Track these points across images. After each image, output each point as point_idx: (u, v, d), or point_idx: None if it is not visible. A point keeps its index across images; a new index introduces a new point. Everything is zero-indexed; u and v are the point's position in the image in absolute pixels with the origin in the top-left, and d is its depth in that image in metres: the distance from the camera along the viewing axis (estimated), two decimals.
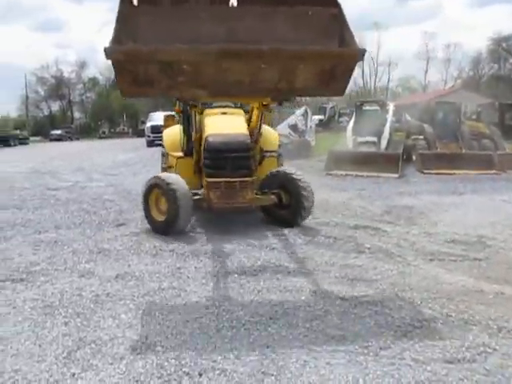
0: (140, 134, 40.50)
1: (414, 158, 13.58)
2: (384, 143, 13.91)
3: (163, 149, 7.65)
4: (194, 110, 6.41)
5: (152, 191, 6.28)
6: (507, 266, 4.89)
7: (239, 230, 6.29)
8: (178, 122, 7.64)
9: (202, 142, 6.45)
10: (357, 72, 69.76)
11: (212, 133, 6.48)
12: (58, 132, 45.88)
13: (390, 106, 15.31)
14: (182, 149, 7.13)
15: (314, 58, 4.00)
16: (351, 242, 5.72)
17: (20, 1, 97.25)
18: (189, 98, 5.05)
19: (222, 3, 4.15)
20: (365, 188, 10.06)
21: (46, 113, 64.76)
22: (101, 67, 62.88)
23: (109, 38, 3.75)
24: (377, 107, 15.01)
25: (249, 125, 6.85)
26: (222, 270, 4.74)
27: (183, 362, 2.98)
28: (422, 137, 14.33)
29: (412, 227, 6.53)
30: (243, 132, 6.51)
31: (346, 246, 5.59)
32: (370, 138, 14.09)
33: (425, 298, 3.99)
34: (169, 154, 7.28)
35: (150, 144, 24.42)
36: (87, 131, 59.42)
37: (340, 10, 4.10)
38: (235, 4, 4.13)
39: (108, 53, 3.75)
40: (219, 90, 4.23)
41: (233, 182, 6.11)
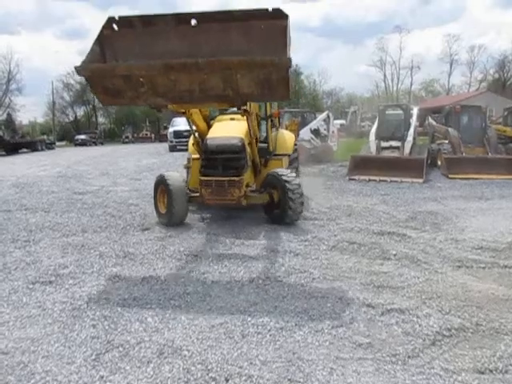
0: (162, 139, 40.94)
1: (438, 162, 13.36)
2: (408, 148, 13.70)
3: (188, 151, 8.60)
4: (188, 116, 6.79)
5: (158, 188, 7.17)
6: None
7: (262, 236, 6.29)
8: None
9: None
10: (378, 76, 69.27)
11: (210, 136, 7.18)
12: (83, 137, 46.60)
13: (414, 110, 15.09)
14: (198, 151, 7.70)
15: (248, 67, 4.38)
16: (376, 249, 5.65)
17: (48, 9, 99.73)
18: (153, 105, 5.48)
19: (184, 23, 4.82)
20: (388, 193, 9.94)
21: (72, 118, 65.95)
22: None
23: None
24: (400, 111, 14.81)
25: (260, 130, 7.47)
26: (246, 275, 4.74)
27: (209, 367, 2.99)
28: (446, 141, 14.05)
29: (438, 233, 6.41)
30: (236, 136, 7.02)
31: (370, 253, 5.52)
32: (393, 143, 13.91)
33: (453, 306, 3.91)
34: (190, 155, 8.19)
35: (172, 149, 24.58)
36: (111, 136, 60.32)
37: (288, 21, 4.51)
38: (195, 23, 4.82)
39: (78, 71, 4.55)
40: (175, 97, 4.90)
41: (222, 180, 6.71)
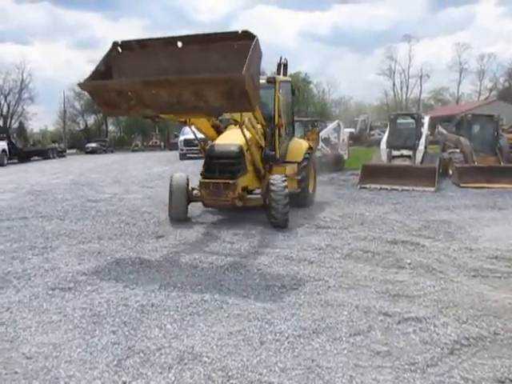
0: (172, 147, 41.13)
1: (450, 171, 13.33)
2: (419, 156, 13.69)
3: None
4: (189, 124, 7.69)
5: (170, 187, 8.23)
6: None
7: (276, 244, 6.33)
8: None
9: None
10: (387, 84, 69.25)
11: (213, 143, 8.05)
12: (93, 145, 47.06)
13: (426, 119, 15.10)
14: None
15: (210, 83, 5.13)
16: (390, 257, 5.66)
17: (60, 20, 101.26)
18: (144, 115, 6.38)
19: (172, 45, 5.70)
20: (400, 202, 9.93)
21: (82, 126, 66.72)
22: None
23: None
24: (411, 120, 14.82)
25: (265, 138, 8.36)
26: (261, 283, 4.78)
27: (230, 374, 3.03)
28: (458, 150, 14.03)
29: (452, 242, 6.41)
30: (235, 143, 7.69)
31: (385, 261, 5.54)
32: (405, 152, 13.90)
33: (470, 315, 3.92)
34: None
35: (182, 157, 24.74)
36: (120, 144, 60.78)
37: (256, 41, 5.12)
38: (181, 45, 5.67)
39: (81, 86, 6.06)
40: (159, 109, 5.75)
41: (218, 183, 7.44)
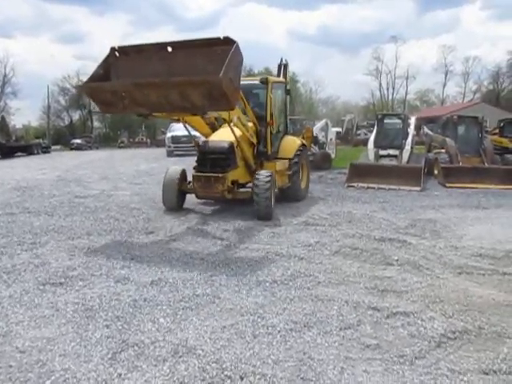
0: (158, 144, 40.95)
1: (435, 171, 13.54)
2: (406, 156, 13.88)
3: None
4: (183, 122, 8.18)
5: (163, 179, 8.72)
6: None
7: (266, 241, 6.40)
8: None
9: None
10: (374, 85, 69.85)
11: (206, 140, 8.68)
12: (79, 141, 46.48)
13: (412, 120, 15.31)
14: None
15: (191, 85, 5.69)
16: (378, 254, 5.76)
17: (44, 14, 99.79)
18: (138, 113, 7.09)
19: (163, 50, 6.28)
20: (387, 201, 10.07)
21: (67, 122, 65.87)
22: None
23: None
24: (398, 120, 15.02)
25: (258, 135, 8.89)
26: (252, 278, 4.84)
27: (224, 366, 3.08)
28: (443, 150, 14.26)
29: (438, 240, 6.54)
30: (226, 140, 8.22)
31: (373, 258, 5.64)
32: (391, 151, 14.09)
33: (456, 310, 4.03)
34: None
35: (170, 154, 24.68)
36: (106, 141, 60.16)
37: (235, 46, 5.72)
38: (170, 50, 6.26)
39: (81, 88, 23.30)
40: (150, 107, 6.34)
41: (208, 176, 7.97)
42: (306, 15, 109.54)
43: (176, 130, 25.54)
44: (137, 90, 6.00)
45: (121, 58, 6.55)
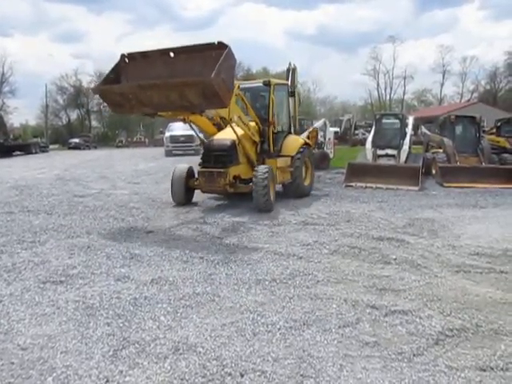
0: (157, 143, 40.96)
1: (433, 171, 13.58)
2: (404, 156, 13.91)
3: None
4: (188, 121, 8.61)
5: (172, 176, 9.20)
6: None
7: (265, 240, 6.43)
8: None
9: None
10: (372, 85, 69.99)
11: (212, 138, 9.30)
12: (77, 140, 46.43)
13: (410, 120, 15.35)
14: None
15: (187, 85, 6.30)
16: (376, 253, 5.80)
17: (42, 12, 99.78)
18: (145, 113, 7.70)
19: (166, 55, 6.96)
20: (385, 200, 10.11)
21: (65, 121, 65.73)
22: None
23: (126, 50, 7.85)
24: (396, 120, 15.04)
25: (260, 134, 9.44)
26: (252, 277, 4.87)
27: (224, 363, 3.11)
28: (441, 150, 14.31)
29: (436, 239, 6.58)
30: (228, 138, 8.83)
31: (371, 257, 5.68)
32: (389, 151, 14.12)
33: (454, 308, 4.07)
34: None
35: (168, 154, 24.73)
36: (104, 140, 60.07)
37: (227, 50, 6.33)
38: (172, 55, 6.93)
39: (93, 90, 24.17)
40: (154, 107, 7.02)
41: (212, 171, 8.62)
42: (304, 15, 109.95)
43: (174, 129, 25.59)
44: (141, 92, 6.65)
45: (130, 64, 7.27)
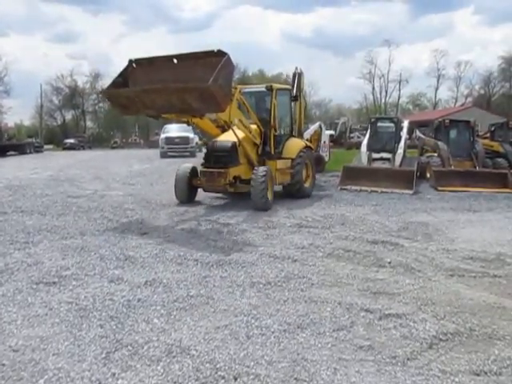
0: (152, 145, 40.85)
1: (428, 174, 13.63)
2: (398, 160, 13.96)
3: None
4: (191, 123, 9.06)
5: (176, 175, 9.67)
6: None
7: (259, 243, 6.41)
8: None
9: None
10: (367, 88, 70.25)
11: (214, 139, 9.66)
12: (71, 141, 46.28)
13: (405, 123, 15.41)
14: None
15: (186, 90, 6.75)
16: (371, 256, 5.81)
17: (38, 13, 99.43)
18: (149, 115, 8.33)
19: (170, 61, 7.44)
20: (380, 203, 10.13)
21: (60, 122, 65.49)
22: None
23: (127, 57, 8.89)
24: (391, 124, 15.10)
25: (262, 136, 9.87)
26: (246, 279, 4.86)
27: (218, 366, 3.10)
28: (436, 154, 14.37)
29: (430, 243, 6.60)
30: (229, 140, 9.21)
31: (365, 260, 5.68)
32: (384, 155, 14.16)
33: (448, 312, 4.08)
34: None
35: (163, 155, 24.68)
36: (99, 141, 59.93)
37: (226, 58, 6.82)
38: (176, 61, 7.43)
39: (102, 94, 33.78)
40: (158, 110, 7.63)
41: (213, 171, 9.05)
42: (300, 18, 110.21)
43: (170, 131, 25.56)
44: (145, 95, 7.11)
45: (137, 69, 7.72)
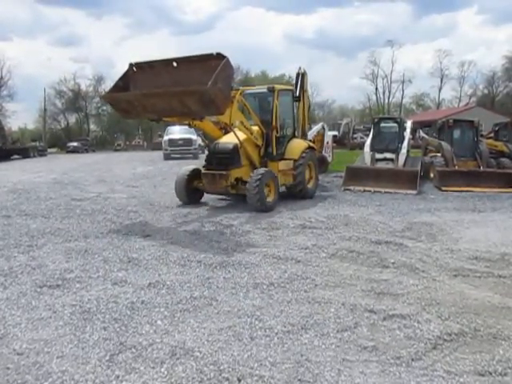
0: (155, 147, 40.96)
1: (431, 175, 13.59)
2: (402, 160, 13.92)
3: None
4: (193, 126, 8.91)
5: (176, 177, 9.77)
6: None
7: (263, 244, 6.41)
8: None
9: None
10: (370, 89, 70.17)
11: (216, 141, 9.54)
12: (75, 144, 46.47)
13: (408, 124, 15.37)
14: None
15: (185, 94, 6.69)
16: (374, 257, 5.79)
17: (41, 17, 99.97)
18: (150, 118, 8.23)
19: (170, 65, 7.43)
20: (383, 204, 10.11)
21: (63, 125, 65.79)
22: None
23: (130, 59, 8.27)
24: (394, 124, 15.07)
25: (264, 138, 9.82)
26: (250, 280, 4.85)
27: (222, 368, 3.09)
28: (439, 154, 14.32)
29: (434, 243, 6.57)
30: (231, 142, 9.15)
31: (369, 261, 5.66)
32: (387, 155, 14.12)
33: (452, 313, 4.06)
34: None
35: (167, 157, 24.73)
36: (102, 144, 60.20)
37: (225, 60, 6.75)
38: (175, 65, 7.40)
39: (103, 98, 24.12)
40: (158, 113, 7.63)
41: (214, 173, 9.06)
42: (303, 19, 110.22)
43: (173, 133, 25.61)
44: (146, 99, 7.11)
45: (137, 72, 7.71)
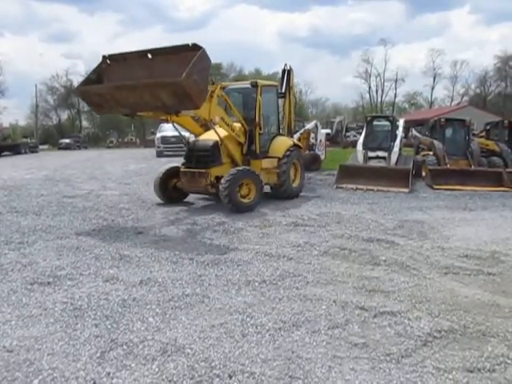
0: (148, 144, 40.79)
1: (423, 173, 13.67)
2: (394, 158, 13.99)
3: None
4: (171, 122, 8.45)
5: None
6: None
7: (255, 241, 6.42)
8: None
9: None
10: (363, 87, 70.38)
11: (196, 138, 9.35)
12: (67, 141, 46.11)
13: (400, 122, 15.44)
14: None
15: (157, 86, 6.39)
16: (366, 255, 5.82)
17: (33, 12, 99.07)
18: (124, 113, 7.82)
19: (145, 57, 7.03)
20: (376, 202, 10.15)
21: (55, 122, 65.31)
22: None
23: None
24: (387, 122, 15.14)
25: (246, 135, 9.50)
26: (242, 278, 4.86)
27: (213, 365, 3.10)
28: (431, 153, 14.40)
29: (425, 241, 6.62)
30: (211, 139, 8.84)
31: (361, 258, 5.69)
32: (380, 153, 14.19)
33: (442, 310, 4.09)
34: None
35: (159, 154, 24.65)
36: (95, 140, 59.82)
37: (201, 51, 6.43)
38: (150, 56, 6.98)
39: (75, 91, 10.84)
40: (132, 108, 7.15)
41: (193, 172, 8.73)
42: (297, 17, 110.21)
43: (166, 130, 25.46)
44: (118, 92, 6.79)
45: (111, 65, 7.40)
